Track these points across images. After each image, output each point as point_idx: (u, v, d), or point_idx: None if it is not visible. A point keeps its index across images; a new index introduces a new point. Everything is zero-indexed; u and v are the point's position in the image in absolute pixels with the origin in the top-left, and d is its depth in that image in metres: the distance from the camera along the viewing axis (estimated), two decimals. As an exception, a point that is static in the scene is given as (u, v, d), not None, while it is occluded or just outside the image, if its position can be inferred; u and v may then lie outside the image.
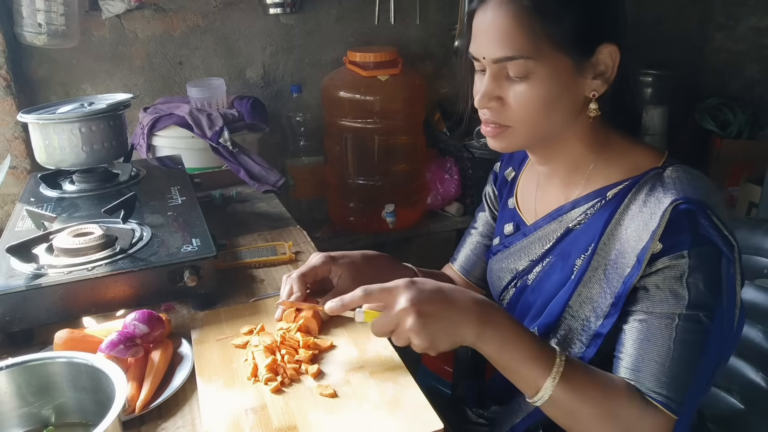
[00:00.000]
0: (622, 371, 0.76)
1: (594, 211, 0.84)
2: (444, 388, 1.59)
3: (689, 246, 0.73)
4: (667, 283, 0.74)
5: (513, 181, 1.03)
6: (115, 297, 0.94)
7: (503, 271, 0.97)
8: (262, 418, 0.71)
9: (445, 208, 2.07)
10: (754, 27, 2.51)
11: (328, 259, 0.93)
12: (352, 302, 0.77)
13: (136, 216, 1.09)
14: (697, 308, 0.74)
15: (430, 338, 0.73)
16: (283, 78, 2.07)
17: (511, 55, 0.76)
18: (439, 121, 2.16)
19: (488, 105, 0.80)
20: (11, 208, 1.71)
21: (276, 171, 1.52)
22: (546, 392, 0.74)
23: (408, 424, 0.69)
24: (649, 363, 0.74)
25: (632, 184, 0.81)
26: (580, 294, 0.82)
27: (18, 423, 0.72)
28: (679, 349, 0.73)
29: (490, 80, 0.80)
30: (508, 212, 1.01)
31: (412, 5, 2.09)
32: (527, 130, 0.81)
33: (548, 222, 0.90)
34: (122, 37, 1.85)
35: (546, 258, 0.89)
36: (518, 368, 0.75)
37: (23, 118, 1.20)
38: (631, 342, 0.76)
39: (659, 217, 0.74)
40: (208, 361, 0.82)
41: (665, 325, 0.74)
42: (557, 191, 0.90)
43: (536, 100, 0.78)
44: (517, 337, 0.76)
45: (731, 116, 2.43)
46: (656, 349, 0.74)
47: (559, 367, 0.74)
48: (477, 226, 1.12)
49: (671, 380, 0.73)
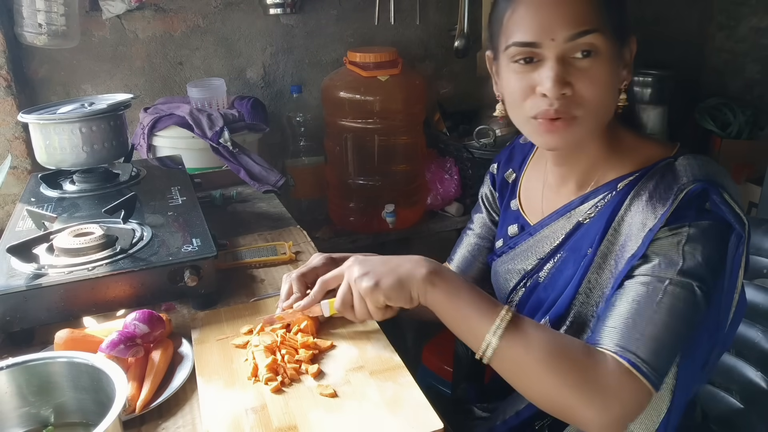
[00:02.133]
0: (603, 332, 0.74)
1: (604, 203, 0.84)
2: (444, 388, 1.59)
3: (692, 219, 0.74)
4: (664, 248, 0.74)
5: (515, 183, 1.03)
6: (116, 297, 0.94)
7: (510, 272, 0.97)
8: (263, 417, 0.71)
9: (445, 208, 2.07)
10: (754, 27, 2.51)
11: (328, 260, 0.93)
12: (315, 294, 0.85)
13: (137, 216, 1.09)
14: (689, 276, 0.73)
15: (375, 275, 0.77)
16: (284, 78, 2.07)
17: (587, 28, 0.74)
18: (439, 121, 2.15)
19: (563, 91, 0.76)
20: (12, 208, 1.71)
21: (276, 171, 1.52)
22: (491, 342, 0.73)
23: (408, 424, 0.69)
24: (625, 319, 0.73)
25: (642, 174, 0.81)
26: (589, 281, 0.82)
27: (18, 423, 0.72)
28: (663, 313, 0.71)
29: (558, 64, 0.76)
30: (512, 214, 1.01)
31: (412, 5, 2.09)
32: (592, 118, 0.79)
33: (556, 219, 0.90)
34: (123, 38, 1.85)
35: (557, 254, 0.89)
36: (466, 318, 0.75)
37: (24, 118, 1.20)
38: (618, 304, 0.75)
39: (669, 201, 0.75)
40: (209, 361, 0.82)
41: (654, 288, 0.73)
42: (570, 190, 0.90)
43: (603, 82, 0.77)
44: (465, 288, 0.77)
45: (731, 116, 2.43)
46: (640, 311, 0.73)
47: (504, 317, 0.73)
48: (473, 228, 1.12)
49: (647, 340, 0.71)
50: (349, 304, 0.80)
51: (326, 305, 0.85)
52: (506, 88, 0.83)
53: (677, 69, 2.35)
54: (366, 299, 0.78)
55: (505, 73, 0.83)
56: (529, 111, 0.80)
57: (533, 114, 0.79)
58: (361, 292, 0.78)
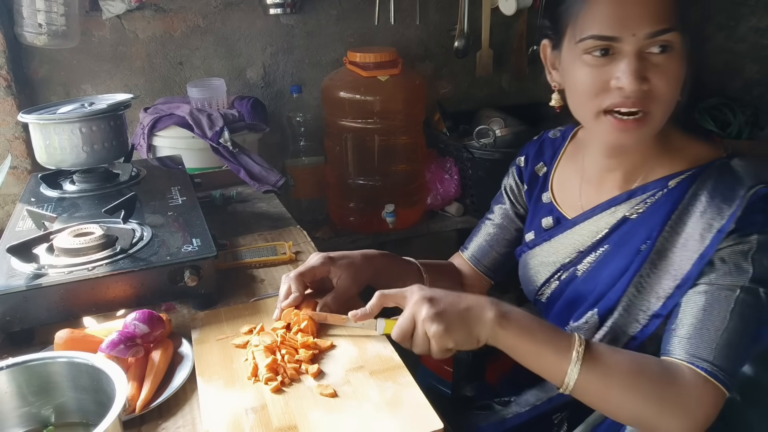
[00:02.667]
0: (674, 342, 0.77)
1: (654, 200, 0.85)
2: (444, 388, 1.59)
3: (760, 226, 0.75)
4: (733, 257, 0.76)
5: (546, 176, 1.03)
6: (116, 297, 0.94)
7: (543, 264, 0.98)
8: (263, 417, 0.71)
9: (445, 208, 2.07)
10: (754, 27, 2.51)
11: (327, 260, 0.93)
12: (373, 307, 0.82)
13: (137, 216, 1.09)
14: (758, 283, 0.75)
15: (445, 323, 0.75)
16: (284, 78, 2.07)
17: (668, 26, 0.75)
18: (439, 121, 2.15)
19: (641, 86, 0.76)
20: (12, 208, 1.71)
21: (276, 171, 1.52)
22: (572, 376, 0.74)
23: (408, 424, 0.69)
24: (703, 331, 0.75)
25: (697, 173, 0.82)
26: (641, 276, 0.83)
27: (18, 423, 0.72)
28: (736, 320, 0.74)
29: (637, 60, 0.76)
30: (544, 207, 1.01)
31: (412, 5, 2.09)
32: (663, 114, 0.80)
33: (599, 213, 0.90)
34: (122, 38, 1.85)
35: (599, 247, 0.89)
36: (541, 355, 0.76)
37: (24, 118, 1.20)
38: (688, 313, 0.77)
39: (738, 201, 0.76)
40: (209, 361, 0.82)
41: (725, 297, 0.75)
42: (614, 185, 0.90)
43: (676, 77, 0.78)
44: (534, 325, 0.77)
45: (731, 116, 2.43)
46: (712, 319, 0.75)
47: (579, 348, 0.75)
48: (493, 218, 1.12)
49: (723, 348, 0.73)
50: (408, 335, 0.79)
51: (382, 324, 0.83)
52: (575, 81, 0.82)
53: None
54: (432, 341, 0.77)
55: (573, 65, 0.81)
56: (601, 104, 0.79)
57: (606, 106, 0.79)
58: (428, 333, 0.77)
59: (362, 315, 0.83)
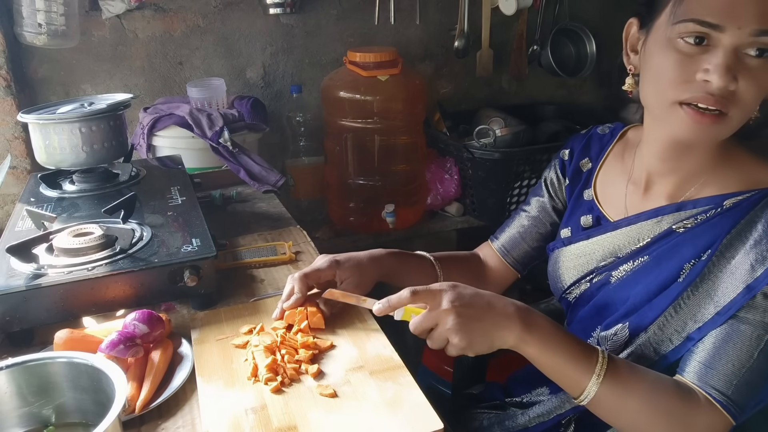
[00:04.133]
0: (692, 364, 0.76)
1: (706, 217, 0.81)
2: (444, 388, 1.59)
3: None
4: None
5: (590, 173, 1.00)
6: (115, 297, 0.94)
7: (575, 264, 0.95)
8: (262, 418, 0.71)
9: (445, 208, 2.06)
10: (754, 27, 2.51)
11: (333, 263, 0.93)
12: (399, 302, 0.79)
13: (136, 216, 1.09)
14: None
15: (469, 338, 0.75)
16: (283, 78, 2.06)
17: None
18: (439, 121, 2.15)
19: (729, 84, 0.72)
20: (11, 208, 1.70)
21: (276, 171, 1.52)
22: (591, 391, 0.74)
23: (408, 424, 0.69)
24: (725, 364, 0.74)
25: (756, 198, 0.78)
26: (684, 298, 0.80)
27: (18, 423, 0.72)
28: (762, 360, 0.73)
29: (732, 56, 0.72)
30: (585, 204, 0.99)
31: (412, 5, 2.09)
32: (739, 121, 0.76)
33: (644, 220, 0.87)
34: (122, 37, 1.85)
35: (639, 257, 0.87)
36: (562, 369, 0.76)
37: (23, 118, 1.20)
38: (714, 340, 0.76)
39: None
40: (208, 361, 0.82)
41: (758, 336, 0.74)
42: (663, 192, 0.88)
43: (763, 84, 0.73)
44: (558, 339, 0.76)
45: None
46: (737, 354, 0.74)
47: (602, 364, 0.75)
48: (528, 210, 1.10)
49: (741, 385, 0.73)
50: (425, 332, 0.78)
51: (401, 311, 0.81)
52: (661, 65, 0.77)
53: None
54: (452, 349, 0.77)
55: (662, 48, 0.77)
56: (681, 94, 0.75)
57: (686, 98, 0.75)
58: (450, 341, 0.76)
59: (387, 309, 0.80)
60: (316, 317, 0.87)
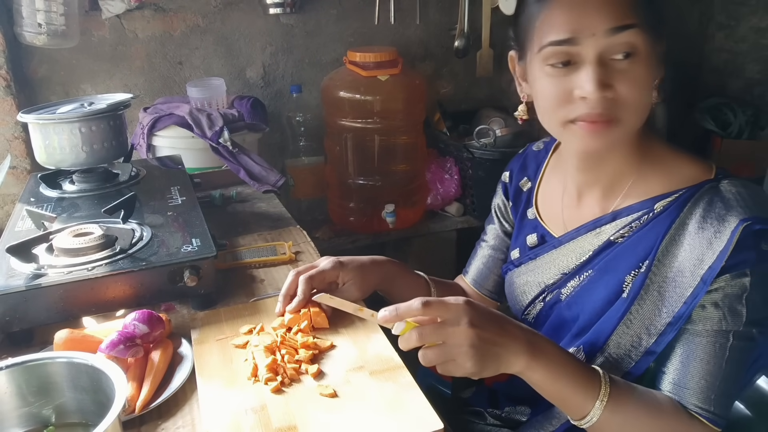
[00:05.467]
0: (666, 385, 0.76)
1: (640, 224, 0.80)
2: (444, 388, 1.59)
3: (752, 264, 0.72)
4: (727, 301, 0.73)
5: (530, 191, 1.00)
6: (115, 297, 0.94)
7: (528, 284, 0.94)
8: (262, 418, 0.71)
9: (445, 208, 2.07)
10: (754, 27, 2.51)
11: (337, 264, 0.92)
12: (408, 312, 0.72)
13: (136, 216, 1.09)
14: (752, 325, 0.73)
15: (482, 364, 0.70)
16: (283, 78, 2.06)
17: (628, 22, 0.71)
18: (439, 121, 2.15)
19: (605, 93, 0.73)
20: (11, 208, 1.70)
21: (276, 171, 1.52)
22: (594, 415, 0.74)
23: (408, 424, 0.69)
24: (697, 381, 0.74)
25: (686, 197, 0.78)
26: (633, 312, 0.79)
27: (18, 423, 0.72)
28: (731, 366, 0.73)
29: (598, 66, 0.73)
30: (529, 223, 0.98)
31: (412, 5, 2.09)
32: (634, 119, 0.76)
33: (583, 233, 0.87)
34: (122, 37, 1.85)
35: (583, 271, 0.86)
36: (566, 395, 0.75)
37: (23, 118, 1.20)
38: (681, 357, 0.76)
39: (728, 236, 0.72)
40: (208, 361, 0.82)
41: (720, 345, 0.73)
42: (593, 201, 0.87)
43: (643, 82, 0.74)
44: (563, 365, 0.75)
45: (731, 116, 2.43)
46: (707, 368, 0.74)
47: (605, 388, 0.74)
48: (487, 239, 1.10)
49: (719, 397, 0.74)
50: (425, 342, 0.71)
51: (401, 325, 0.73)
52: (538, 93, 0.80)
53: (677, 68, 2.35)
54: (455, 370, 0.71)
55: (536, 77, 0.79)
56: (567, 115, 0.76)
57: (572, 118, 0.76)
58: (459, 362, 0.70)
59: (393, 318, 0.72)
60: (320, 317, 0.87)
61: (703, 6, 2.64)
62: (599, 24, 0.72)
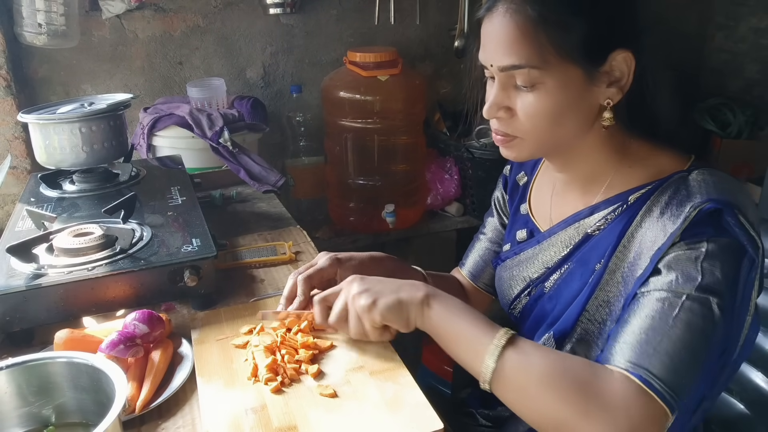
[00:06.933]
0: (610, 348, 0.70)
1: (614, 216, 0.81)
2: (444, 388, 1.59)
3: (711, 234, 0.70)
4: (681, 264, 0.70)
5: (525, 186, 1.01)
6: (115, 297, 0.94)
7: (514, 279, 0.95)
8: (262, 418, 0.71)
9: (445, 208, 2.07)
10: (754, 27, 2.51)
11: (334, 261, 0.93)
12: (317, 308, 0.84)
13: (137, 216, 1.09)
14: (708, 292, 0.68)
15: (374, 298, 0.77)
16: (283, 78, 2.06)
17: (516, 63, 0.75)
18: (439, 121, 2.15)
19: (497, 115, 0.79)
20: (11, 208, 1.71)
21: (276, 171, 1.52)
22: (489, 365, 0.70)
23: (408, 424, 0.69)
24: (640, 337, 0.68)
25: (655, 187, 0.78)
26: (597, 297, 0.80)
27: (18, 423, 0.72)
28: (680, 328, 0.67)
29: (499, 89, 0.78)
30: (521, 218, 0.99)
31: (412, 5, 2.09)
32: (535, 140, 0.80)
33: (564, 228, 0.88)
34: (122, 38, 1.85)
35: (564, 265, 0.87)
36: (462, 340, 0.75)
37: (23, 118, 1.20)
38: (632, 318, 0.70)
39: (681, 219, 0.72)
40: (208, 361, 0.82)
41: (670, 303, 0.68)
42: (575, 197, 0.88)
43: (544, 111, 0.77)
44: (463, 310, 0.76)
45: (731, 116, 2.43)
46: (652, 324, 0.68)
47: (503, 335, 0.71)
48: (486, 232, 1.10)
49: (663, 357, 0.66)
50: (343, 318, 0.81)
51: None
52: None
53: (677, 69, 2.35)
54: (362, 318, 0.78)
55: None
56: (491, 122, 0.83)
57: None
58: (357, 309, 0.78)
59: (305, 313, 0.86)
60: (308, 325, 0.87)
61: (702, 6, 2.64)
62: (493, 60, 0.78)
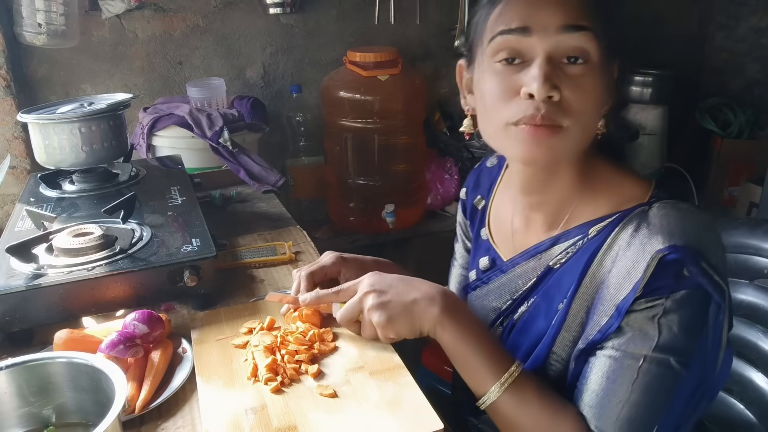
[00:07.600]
0: (580, 404, 0.73)
1: (575, 249, 0.78)
2: (444, 388, 1.59)
3: (669, 291, 0.68)
4: (638, 322, 0.69)
5: (484, 211, 0.97)
6: (115, 297, 0.94)
7: (485, 309, 0.92)
8: (262, 418, 0.71)
9: (445, 208, 2.07)
10: (754, 27, 2.51)
11: (338, 259, 0.93)
12: (326, 297, 0.84)
13: (136, 216, 1.09)
14: (667, 352, 0.68)
15: (388, 314, 0.76)
16: (283, 78, 2.06)
17: (582, 23, 0.69)
18: (439, 121, 2.16)
19: (551, 93, 0.69)
20: (11, 208, 1.70)
21: (276, 171, 1.52)
22: (491, 396, 0.73)
23: (408, 424, 0.69)
24: (604, 402, 0.70)
25: (616, 222, 0.75)
26: (563, 338, 0.78)
27: (18, 423, 0.72)
28: (639, 393, 0.68)
29: (547, 64, 0.69)
30: (483, 244, 0.95)
31: (412, 5, 2.09)
32: (581, 131, 0.72)
33: (527, 259, 0.84)
34: (122, 37, 1.85)
35: (530, 298, 0.83)
36: (471, 364, 0.75)
37: (23, 118, 1.20)
38: (593, 377, 0.72)
39: (644, 267, 0.68)
40: (208, 361, 0.82)
41: (627, 366, 0.69)
42: (539, 225, 0.84)
43: (593, 91, 0.71)
44: (477, 333, 0.76)
45: (731, 116, 2.43)
46: (614, 389, 0.70)
47: (511, 375, 0.73)
48: (457, 258, 1.08)
49: (624, 424, 0.69)
50: (353, 320, 0.81)
51: (338, 309, 0.84)
52: (485, 93, 0.75)
53: (677, 69, 2.35)
54: (377, 330, 0.79)
55: (484, 77, 0.75)
56: (510, 116, 0.72)
57: (515, 119, 0.71)
58: (372, 322, 0.78)
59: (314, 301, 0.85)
60: (315, 317, 0.87)
61: (703, 6, 2.64)
62: (552, 19, 0.69)
